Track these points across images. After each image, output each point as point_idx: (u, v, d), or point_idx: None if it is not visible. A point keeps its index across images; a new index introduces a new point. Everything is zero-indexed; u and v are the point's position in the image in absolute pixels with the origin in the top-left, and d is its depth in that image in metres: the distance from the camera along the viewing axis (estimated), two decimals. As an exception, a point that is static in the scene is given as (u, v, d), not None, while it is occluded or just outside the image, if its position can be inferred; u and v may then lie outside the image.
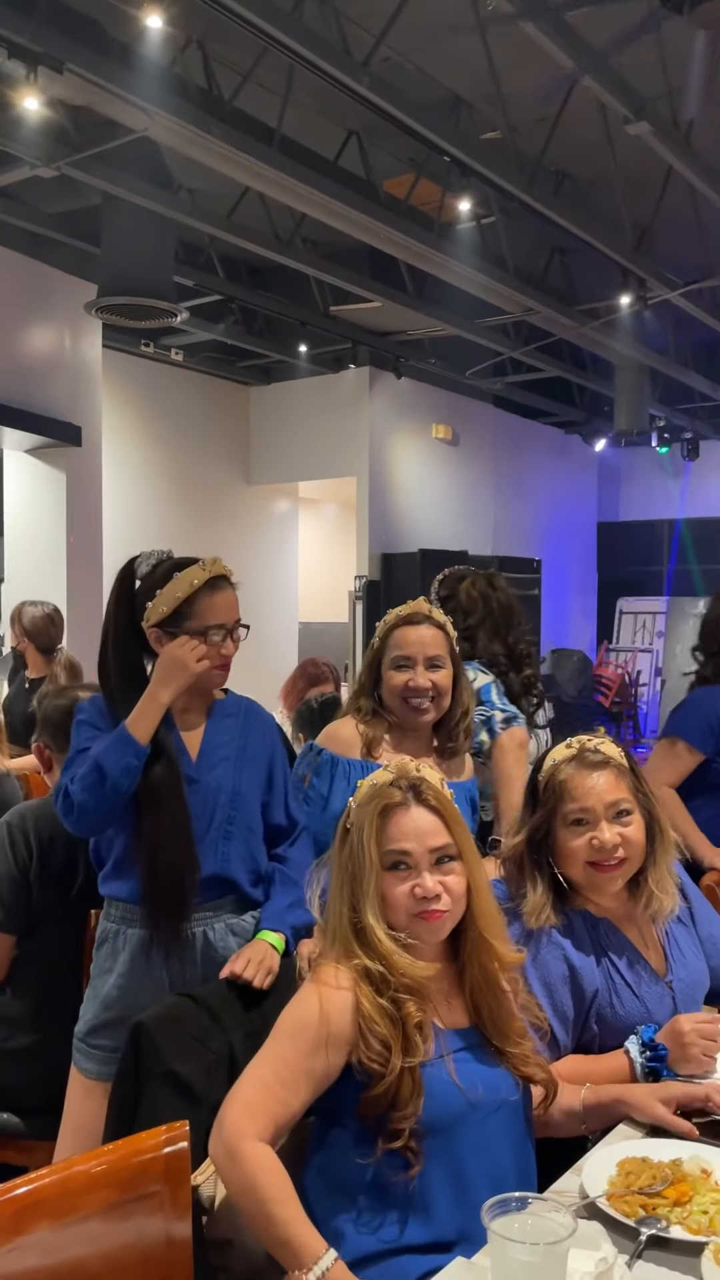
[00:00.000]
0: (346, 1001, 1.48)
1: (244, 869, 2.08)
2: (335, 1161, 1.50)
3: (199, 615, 2.03)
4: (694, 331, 9.56)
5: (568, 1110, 1.67)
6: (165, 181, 6.06)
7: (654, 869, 1.89)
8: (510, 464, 11.97)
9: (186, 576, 2.04)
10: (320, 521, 12.50)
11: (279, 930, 2.04)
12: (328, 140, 6.44)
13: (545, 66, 5.09)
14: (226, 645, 2.06)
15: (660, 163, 6.09)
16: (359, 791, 1.65)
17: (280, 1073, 1.46)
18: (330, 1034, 1.47)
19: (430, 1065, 1.48)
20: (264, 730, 2.19)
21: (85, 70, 4.53)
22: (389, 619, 2.33)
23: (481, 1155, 1.49)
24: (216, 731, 2.11)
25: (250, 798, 2.11)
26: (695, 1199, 1.39)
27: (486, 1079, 1.52)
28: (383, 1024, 1.46)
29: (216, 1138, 1.42)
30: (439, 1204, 1.45)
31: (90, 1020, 2.06)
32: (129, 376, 9.16)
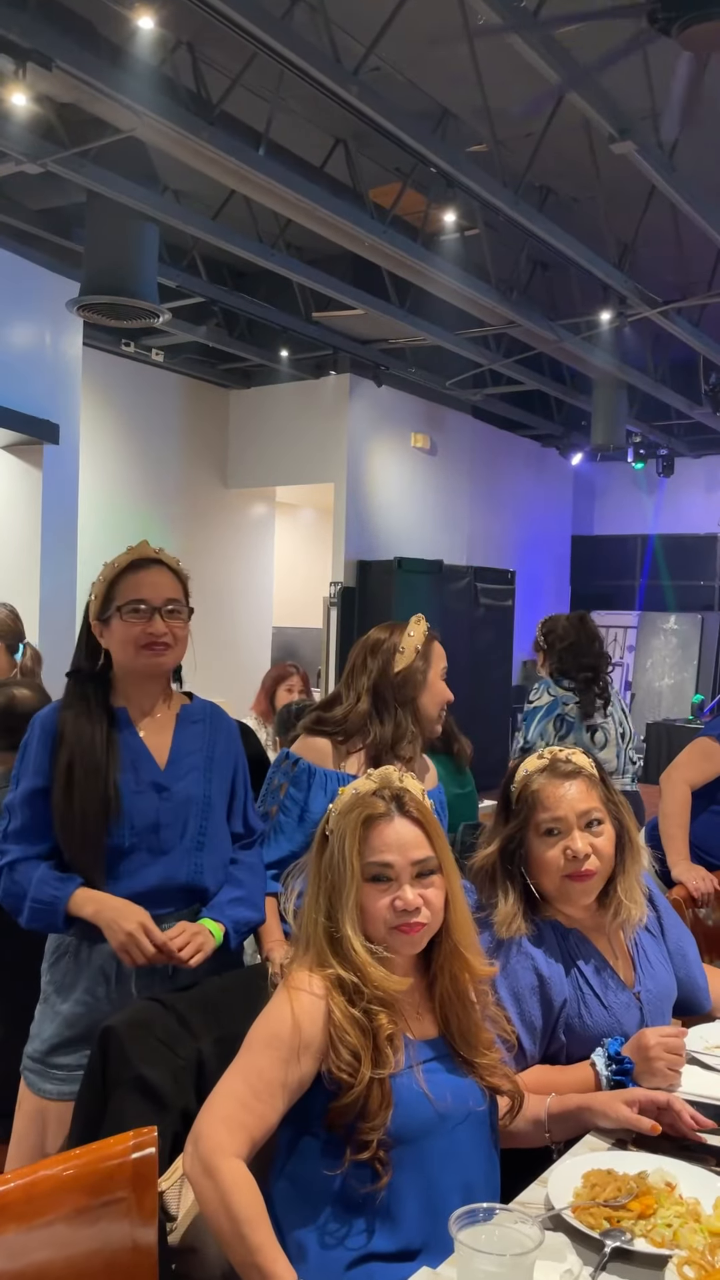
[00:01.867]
0: (319, 1009, 1.48)
1: (216, 879, 2.06)
2: (303, 1170, 1.49)
3: (122, 594, 2.02)
4: (672, 350, 9.66)
5: (532, 1119, 1.67)
6: (151, 182, 6.05)
7: (623, 878, 1.91)
8: (487, 475, 12.03)
9: (114, 563, 2.06)
10: (297, 527, 12.49)
11: (220, 921, 2.01)
12: (315, 147, 6.46)
13: (533, 82, 5.13)
14: (154, 623, 2.00)
15: (643, 182, 6.16)
16: (341, 799, 1.63)
17: (255, 1085, 1.44)
18: (303, 1042, 1.46)
19: (400, 1076, 1.48)
20: (229, 737, 2.17)
21: (74, 68, 4.52)
22: (425, 630, 2.39)
23: (449, 1165, 1.49)
24: (185, 738, 2.09)
25: (220, 806, 2.09)
26: (660, 1212, 1.40)
27: (455, 1089, 1.52)
28: (353, 1034, 1.45)
29: (192, 1152, 1.39)
30: (407, 1213, 1.45)
31: (50, 1039, 2.00)
32: (109, 376, 9.13)
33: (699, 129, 5.73)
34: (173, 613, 2.04)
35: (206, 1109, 1.44)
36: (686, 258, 7.55)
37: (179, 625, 2.06)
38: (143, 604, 2.01)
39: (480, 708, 9.70)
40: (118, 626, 2.02)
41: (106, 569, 2.06)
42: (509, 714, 10.19)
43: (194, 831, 2.03)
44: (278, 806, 2.29)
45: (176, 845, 2.01)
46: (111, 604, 2.02)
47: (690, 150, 6.03)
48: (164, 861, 2.00)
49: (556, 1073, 1.80)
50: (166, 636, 2.02)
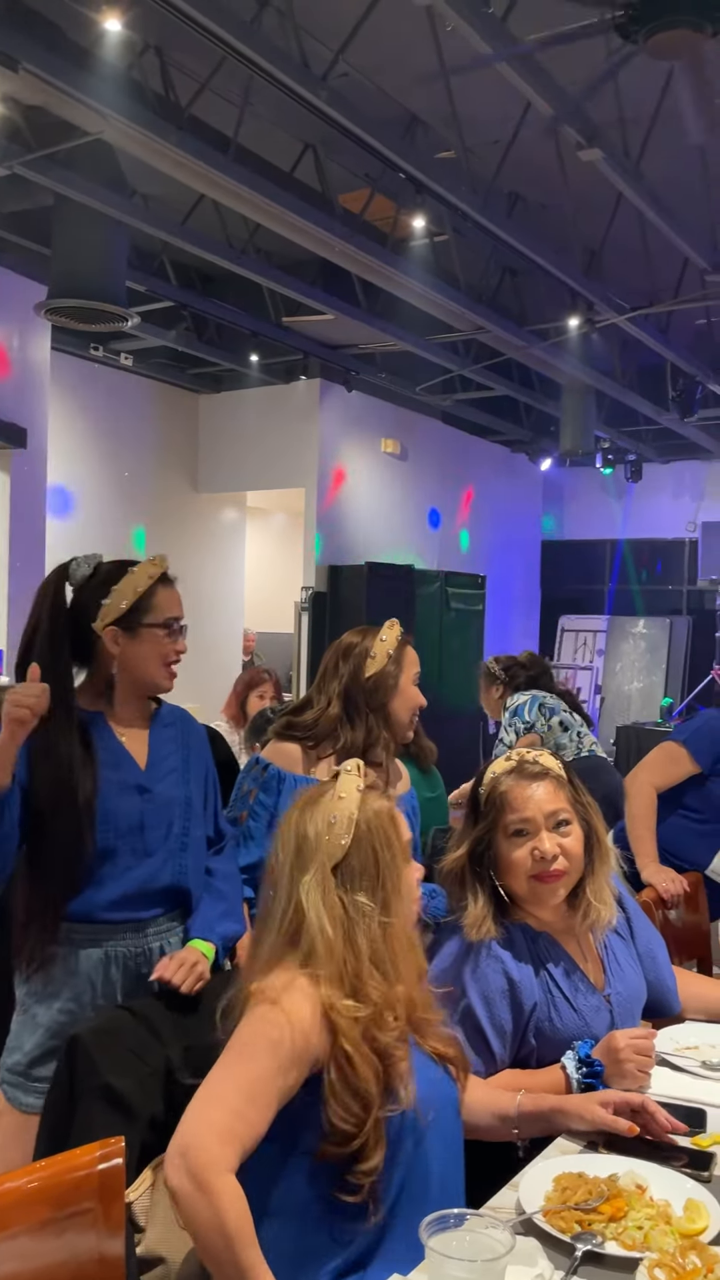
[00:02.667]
0: (317, 1012, 1.42)
1: (198, 883, 2.06)
2: (291, 1193, 1.43)
3: (157, 609, 2.02)
4: (640, 356, 9.74)
5: (500, 1114, 1.67)
6: (119, 186, 6.02)
7: (592, 879, 1.91)
8: (457, 480, 12.06)
9: (142, 571, 2.03)
10: (268, 531, 12.47)
11: (209, 940, 2.01)
12: (284, 152, 6.46)
13: (502, 91, 5.15)
14: (180, 641, 2.05)
15: (611, 189, 6.21)
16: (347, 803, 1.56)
17: (252, 1093, 1.36)
18: (302, 1052, 1.40)
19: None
20: (200, 741, 2.17)
21: (41, 70, 4.49)
22: (397, 634, 2.38)
23: (430, 1164, 1.48)
24: (161, 741, 2.09)
25: (199, 809, 2.09)
26: (630, 1214, 1.40)
27: (430, 1087, 1.50)
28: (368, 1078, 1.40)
29: (181, 1165, 1.29)
30: (398, 1235, 1.41)
31: (31, 1051, 1.96)
32: (78, 380, 9.07)
33: (666, 137, 5.79)
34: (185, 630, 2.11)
35: (196, 1118, 1.34)
36: (653, 265, 7.62)
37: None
38: (176, 621, 2.04)
39: (450, 712, 9.71)
40: (149, 639, 2.01)
41: (135, 577, 2.01)
42: (480, 718, 10.21)
43: (178, 832, 2.03)
44: (247, 812, 2.28)
45: (160, 846, 2.00)
46: (143, 615, 2.00)
47: (657, 158, 6.09)
48: (148, 863, 1.99)
49: (526, 1076, 1.80)
50: (183, 655, 2.08)
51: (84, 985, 1.96)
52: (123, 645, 2.01)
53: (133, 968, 1.97)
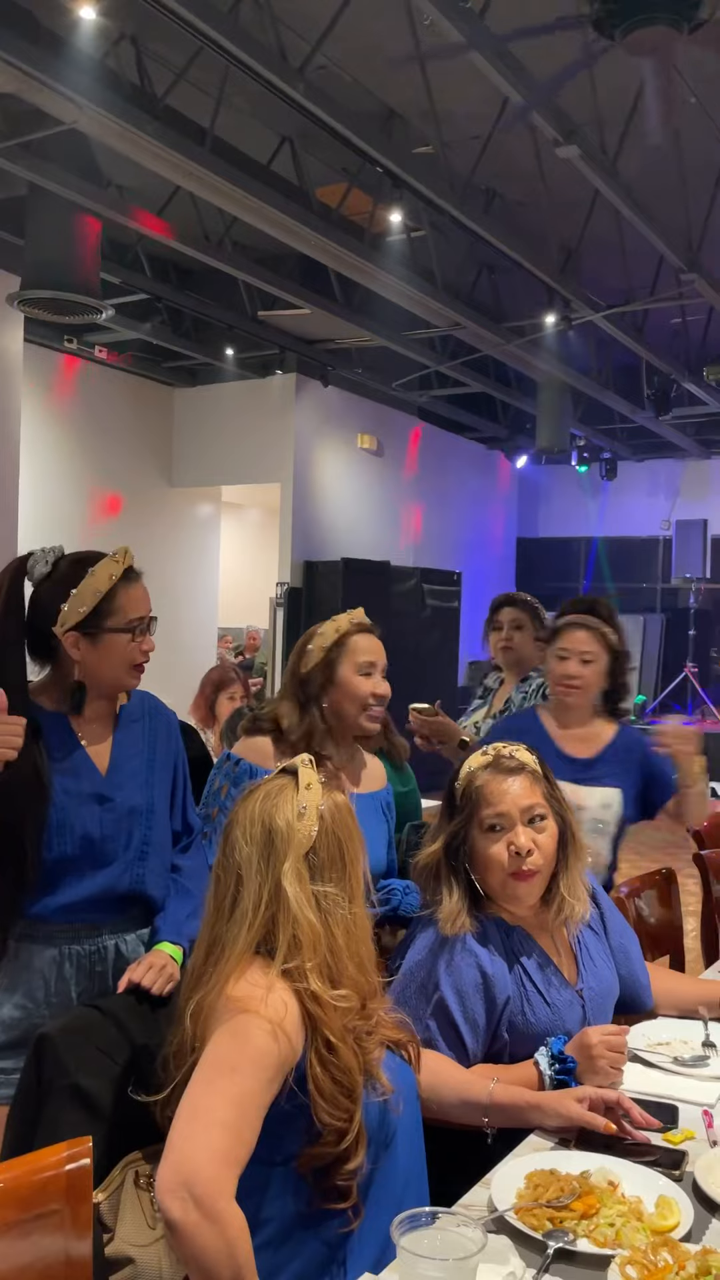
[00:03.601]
0: (297, 1013, 1.39)
1: (159, 887, 2.02)
2: (278, 1208, 1.40)
3: (120, 611, 1.92)
4: (615, 354, 9.78)
5: (471, 1101, 1.66)
6: (94, 176, 5.96)
7: (566, 875, 1.91)
8: (433, 477, 12.07)
9: (103, 571, 1.92)
10: (242, 526, 12.43)
11: (177, 942, 1.97)
12: (261, 144, 6.43)
13: (480, 86, 5.15)
14: (147, 640, 1.97)
15: (588, 187, 6.22)
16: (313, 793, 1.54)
17: (246, 1112, 1.29)
18: (289, 1055, 1.36)
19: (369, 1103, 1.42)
20: (169, 731, 2.11)
21: (14, 57, 4.43)
22: (341, 625, 2.31)
23: (404, 1155, 1.47)
24: (125, 741, 2.02)
25: (162, 811, 2.04)
26: (602, 1211, 1.40)
27: (391, 1070, 1.48)
28: (356, 1071, 1.38)
29: (185, 1196, 1.20)
30: (377, 1227, 1.38)
31: None
32: (51, 372, 9.00)
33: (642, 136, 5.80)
34: (153, 626, 2.02)
35: (192, 1143, 1.24)
36: (629, 263, 7.65)
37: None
38: (141, 620, 1.95)
39: (426, 709, 9.73)
40: (113, 643, 1.92)
41: (96, 578, 1.91)
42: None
43: (137, 842, 1.98)
44: (218, 808, 2.26)
45: (119, 856, 1.96)
46: (106, 619, 1.91)
47: (633, 156, 6.11)
48: (105, 872, 1.95)
49: (499, 1071, 1.80)
50: (150, 654, 2.00)
51: (38, 981, 1.93)
52: (84, 651, 1.92)
53: (86, 966, 1.94)
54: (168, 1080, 1.45)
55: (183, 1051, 1.43)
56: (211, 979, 1.44)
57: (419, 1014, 1.78)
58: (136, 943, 2.00)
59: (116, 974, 1.95)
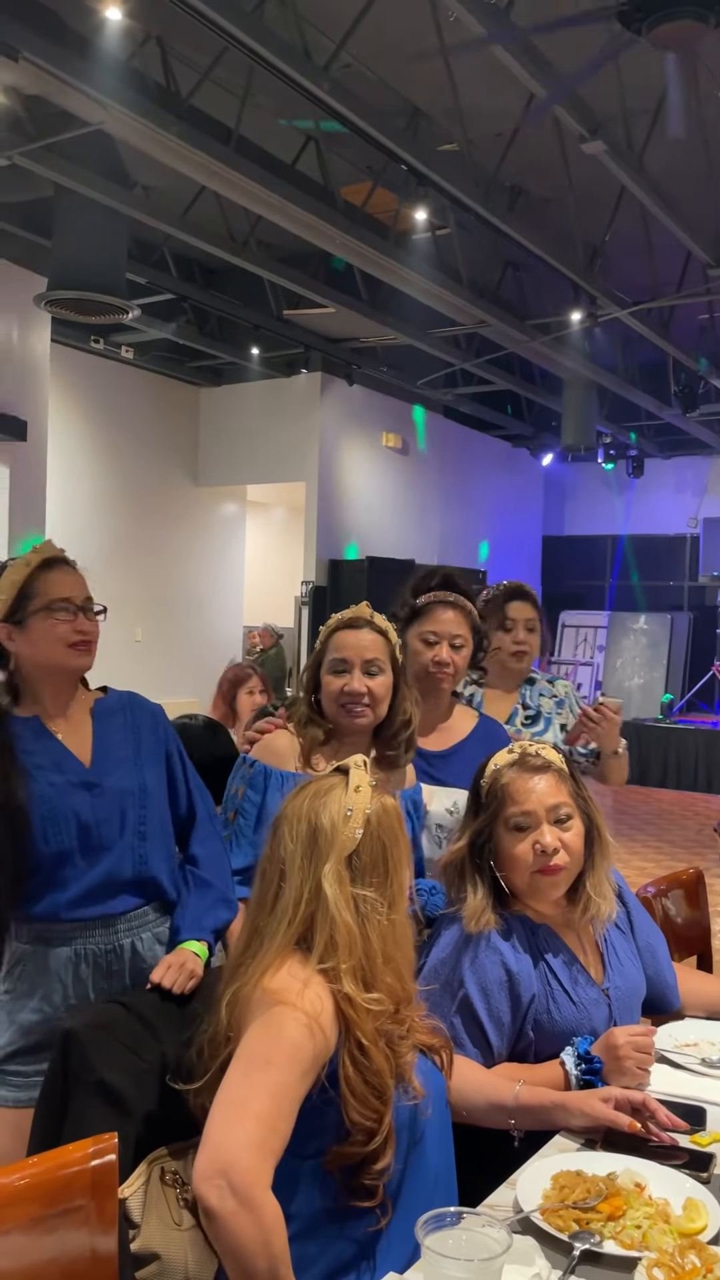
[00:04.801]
0: (332, 1010, 1.40)
1: (164, 869, 2.02)
2: (307, 1204, 1.40)
3: (40, 594, 1.97)
4: (641, 351, 9.71)
5: (497, 1103, 1.66)
6: (120, 176, 5.99)
7: (593, 873, 1.90)
8: (458, 475, 12.05)
9: (19, 563, 2.01)
10: (268, 525, 12.46)
11: (200, 939, 1.97)
12: (286, 143, 6.43)
13: (504, 82, 5.13)
14: (80, 620, 1.98)
15: (614, 183, 6.18)
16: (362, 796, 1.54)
17: (281, 1104, 1.31)
18: (325, 1050, 1.37)
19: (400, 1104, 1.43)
20: (153, 721, 2.12)
21: (41, 59, 4.47)
22: (330, 623, 2.29)
23: (434, 1157, 1.47)
24: (106, 731, 2.04)
25: (157, 793, 2.04)
26: (629, 1213, 1.39)
27: (423, 1073, 1.49)
28: (388, 1073, 1.39)
29: (222, 1185, 1.22)
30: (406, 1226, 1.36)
31: (5, 1047, 1.96)
32: (78, 372, 9.05)
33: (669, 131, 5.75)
34: (93, 611, 2.02)
35: (228, 1133, 1.26)
36: (656, 259, 7.59)
37: (97, 625, 2.03)
38: (68, 602, 1.97)
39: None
40: (40, 626, 1.97)
41: (15, 571, 1.99)
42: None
43: (134, 822, 1.98)
44: (236, 811, 2.25)
45: (117, 840, 1.97)
46: (28, 603, 1.96)
47: (660, 151, 6.06)
48: (107, 858, 1.96)
49: (524, 1071, 1.79)
50: (91, 634, 2.00)
51: (55, 984, 1.94)
52: (17, 640, 1.98)
53: (103, 964, 1.95)
54: (201, 1069, 1.46)
55: (217, 1041, 1.45)
56: (249, 971, 1.45)
57: (443, 1011, 1.77)
58: (153, 941, 1.99)
59: (134, 974, 1.95)
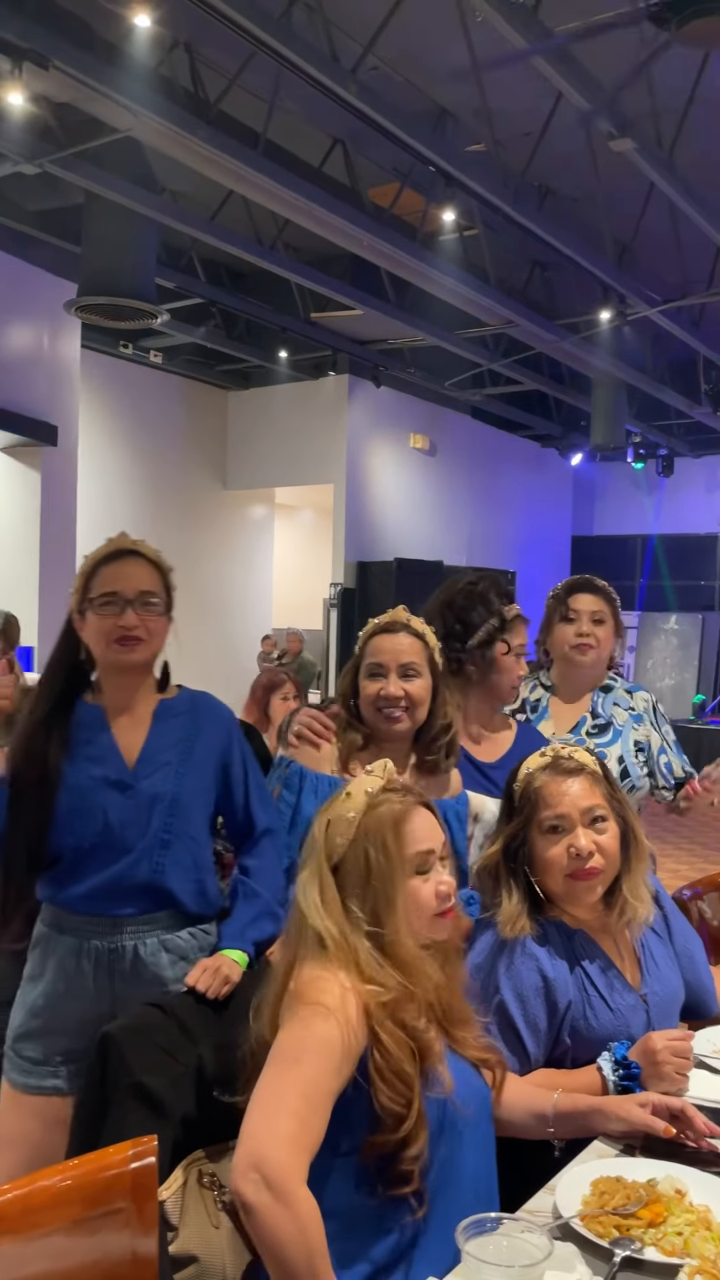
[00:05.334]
0: (360, 1016, 1.42)
1: (183, 881, 1.98)
2: (343, 1199, 1.41)
3: (94, 587, 1.99)
4: (671, 349, 9.64)
5: (537, 1113, 1.65)
6: (148, 182, 6.03)
7: (629, 876, 1.88)
8: (486, 476, 12.01)
9: (91, 556, 2.04)
10: (296, 528, 12.49)
11: (241, 948, 1.96)
12: (313, 147, 6.45)
13: (532, 82, 5.11)
14: (125, 616, 1.96)
15: (642, 180, 6.14)
16: (349, 805, 1.57)
17: (314, 1100, 1.33)
18: (350, 1049, 1.39)
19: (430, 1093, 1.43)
20: (216, 727, 2.08)
21: (71, 67, 4.50)
22: (367, 628, 2.29)
23: (472, 1160, 1.47)
24: (161, 733, 2.02)
25: (193, 805, 2.01)
26: (670, 1220, 1.37)
27: (462, 1077, 1.49)
28: (408, 1061, 1.40)
29: (256, 1179, 1.24)
30: (444, 1228, 1.37)
31: (17, 1028, 1.99)
32: (107, 377, 9.11)
33: (698, 127, 5.72)
34: (148, 605, 1.99)
35: (263, 1128, 1.29)
36: (685, 257, 7.54)
37: (153, 619, 1.99)
38: (115, 596, 1.97)
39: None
40: (92, 619, 1.98)
41: (85, 561, 2.04)
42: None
43: (157, 829, 1.96)
44: None
45: (138, 843, 1.96)
46: (86, 595, 1.99)
47: (689, 148, 6.02)
48: (124, 860, 1.95)
49: (561, 1076, 1.78)
50: (138, 630, 1.97)
51: (59, 971, 1.96)
52: (82, 630, 2.01)
53: (105, 963, 1.94)
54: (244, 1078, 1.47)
55: (259, 1046, 1.46)
56: (275, 973, 1.49)
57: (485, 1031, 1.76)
58: (158, 947, 1.97)
59: (134, 976, 1.95)
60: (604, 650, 2.74)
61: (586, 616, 2.74)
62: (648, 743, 2.76)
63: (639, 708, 2.79)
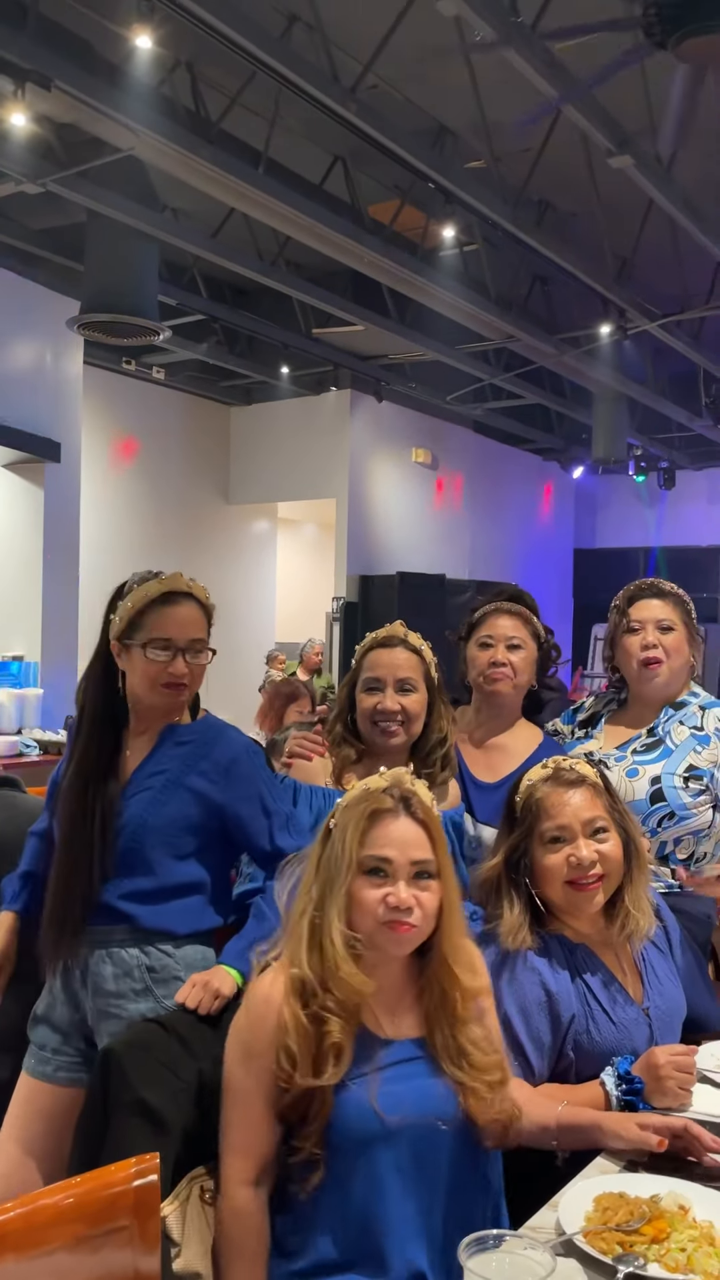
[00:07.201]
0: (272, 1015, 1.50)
1: (137, 905, 1.98)
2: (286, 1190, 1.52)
3: (145, 628, 1.99)
4: (672, 362, 9.67)
5: (541, 1125, 1.65)
6: (150, 200, 6.07)
7: (631, 888, 1.89)
8: (489, 489, 12.03)
9: (143, 590, 2.01)
10: (299, 542, 12.50)
11: (237, 968, 1.94)
12: (314, 164, 6.49)
13: (530, 97, 5.14)
14: (176, 664, 1.98)
15: (641, 195, 6.17)
16: (350, 793, 1.62)
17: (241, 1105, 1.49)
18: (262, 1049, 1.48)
19: (348, 1087, 1.47)
20: (218, 760, 2.03)
21: (73, 87, 4.54)
22: (365, 642, 2.30)
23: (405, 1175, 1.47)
24: (158, 760, 2.02)
25: (161, 832, 1.98)
26: (673, 1236, 1.37)
27: (420, 1097, 1.49)
28: (296, 1039, 1.46)
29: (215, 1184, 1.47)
30: (334, 1225, 1.46)
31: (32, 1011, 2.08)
32: (110, 394, 9.15)
33: (697, 142, 5.74)
34: (196, 652, 2.02)
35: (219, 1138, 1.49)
36: (685, 270, 7.57)
37: (199, 664, 2.03)
38: (168, 642, 1.98)
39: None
40: (139, 659, 1.99)
41: (137, 595, 2.01)
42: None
43: (121, 852, 1.97)
44: None
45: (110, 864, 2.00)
46: (136, 633, 1.99)
47: (688, 163, 6.05)
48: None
49: (566, 1091, 1.78)
50: (185, 677, 2.00)
51: (27, 976, 2.05)
52: (123, 661, 2.02)
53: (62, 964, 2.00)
54: None
55: None
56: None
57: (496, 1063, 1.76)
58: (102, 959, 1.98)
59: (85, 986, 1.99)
60: (677, 661, 2.44)
61: (652, 626, 2.46)
62: (710, 770, 2.37)
63: (708, 727, 2.42)
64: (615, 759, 2.41)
